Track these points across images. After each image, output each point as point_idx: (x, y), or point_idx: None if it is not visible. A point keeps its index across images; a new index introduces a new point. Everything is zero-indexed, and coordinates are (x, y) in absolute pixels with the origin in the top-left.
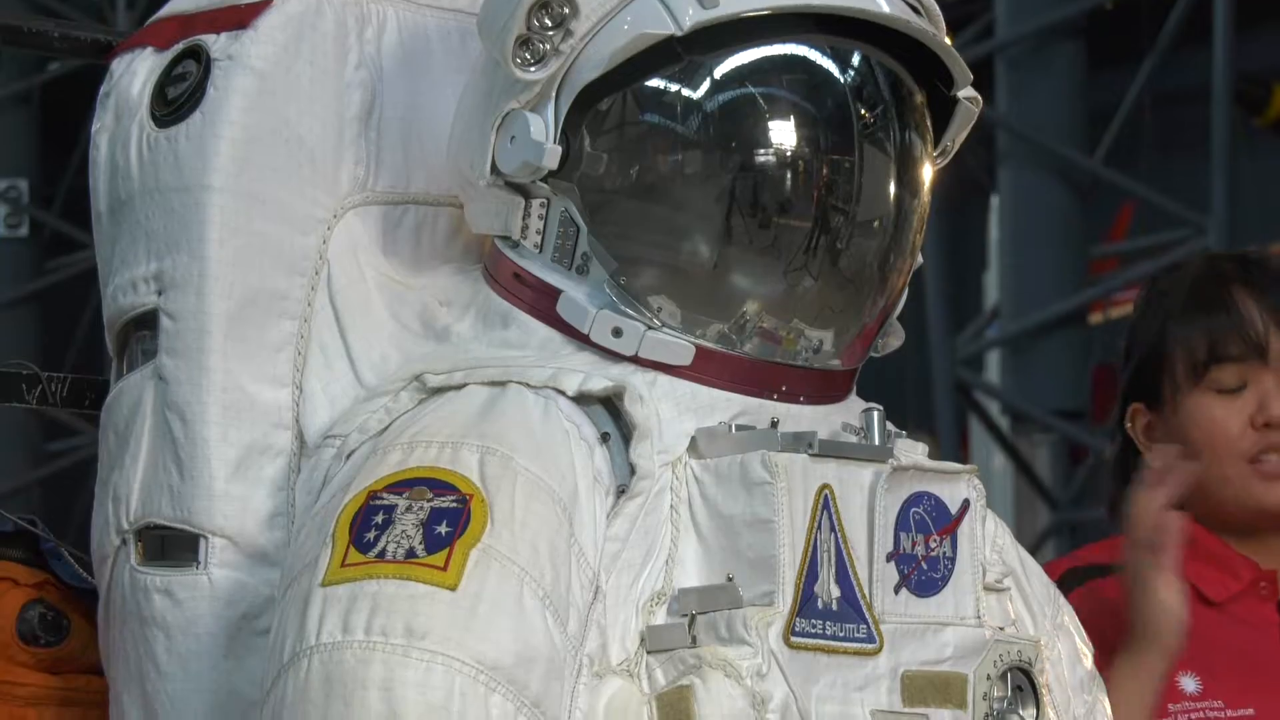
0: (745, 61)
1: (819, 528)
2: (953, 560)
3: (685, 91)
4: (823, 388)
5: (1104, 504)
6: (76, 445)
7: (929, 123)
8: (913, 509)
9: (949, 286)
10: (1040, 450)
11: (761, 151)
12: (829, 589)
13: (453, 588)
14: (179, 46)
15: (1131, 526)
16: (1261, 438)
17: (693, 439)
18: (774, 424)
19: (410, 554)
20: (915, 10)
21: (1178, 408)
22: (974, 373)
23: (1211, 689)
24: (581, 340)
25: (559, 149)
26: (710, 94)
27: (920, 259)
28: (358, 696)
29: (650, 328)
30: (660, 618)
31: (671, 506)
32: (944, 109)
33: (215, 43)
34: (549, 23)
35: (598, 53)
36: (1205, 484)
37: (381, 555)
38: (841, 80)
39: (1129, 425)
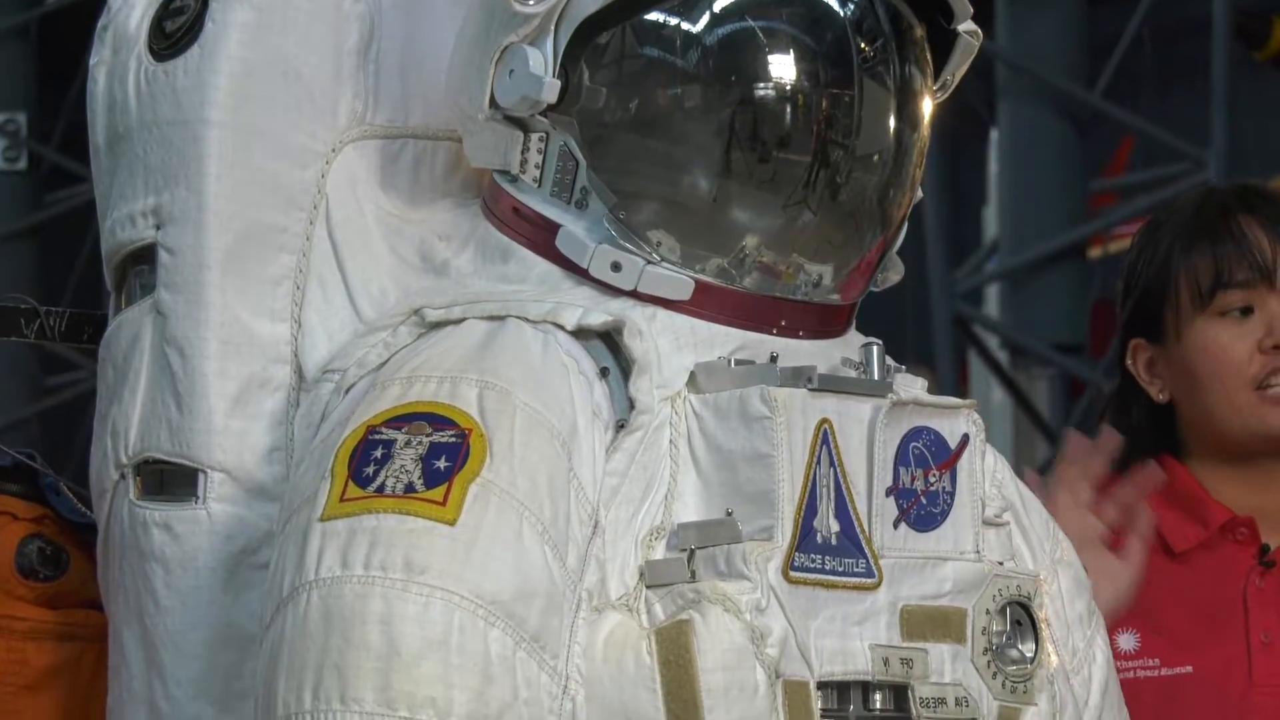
0: None
1: (818, 462)
2: (952, 495)
3: (685, 25)
4: (822, 322)
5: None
6: (76, 379)
7: (929, 57)
8: (912, 444)
9: (948, 221)
10: (1039, 384)
11: (761, 85)
12: (828, 524)
13: (451, 522)
14: None
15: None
16: (1269, 361)
17: (692, 374)
18: (773, 359)
19: (409, 489)
20: None
21: (1182, 337)
22: (973, 307)
23: (1150, 646)
24: (580, 275)
25: (558, 83)
26: (709, 27)
27: (920, 193)
28: (357, 631)
29: (649, 262)
30: (659, 552)
31: (670, 441)
32: (944, 43)
33: None
34: None
35: None
36: (1213, 412)
37: (380, 490)
38: (841, 14)
39: (1129, 362)
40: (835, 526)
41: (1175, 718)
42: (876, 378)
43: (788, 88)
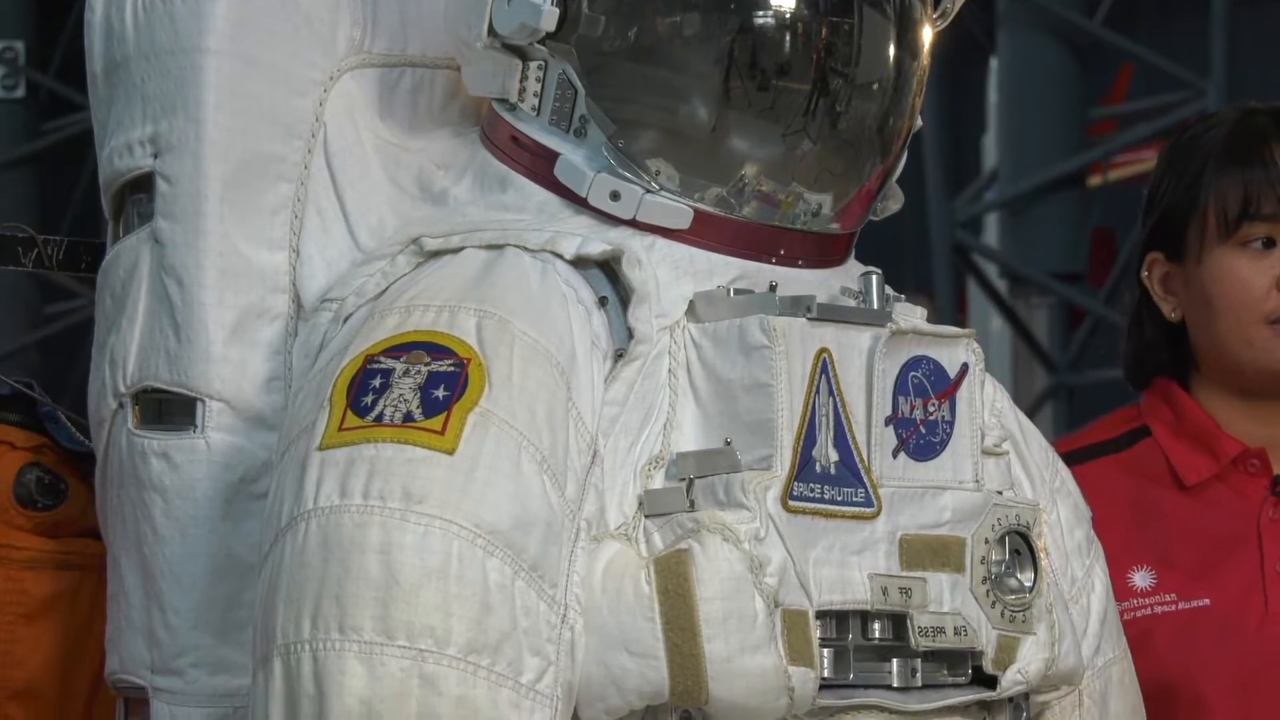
0: None
1: (817, 392)
2: (951, 424)
3: None
4: (821, 251)
5: (1119, 357)
6: (75, 307)
7: None
8: (911, 373)
9: (947, 149)
10: (1038, 313)
11: (760, 13)
12: (827, 453)
13: (450, 452)
14: None
15: None
16: None
17: (691, 303)
18: (772, 288)
19: (408, 418)
20: None
21: (1202, 261)
22: (972, 235)
23: (1166, 581)
24: (579, 204)
25: (556, 11)
26: None
27: (919, 122)
28: (355, 560)
29: (648, 191)
30: (658, 482)
31: (669, 371)
32: None
33: None
34: None
35: None
36: (1224, 343)
37: (379, 419)
38: None
39: (1145, 275)
40: (834, 456)
41: (1194, 650)
42: (876, 307)
43: (787, 15)
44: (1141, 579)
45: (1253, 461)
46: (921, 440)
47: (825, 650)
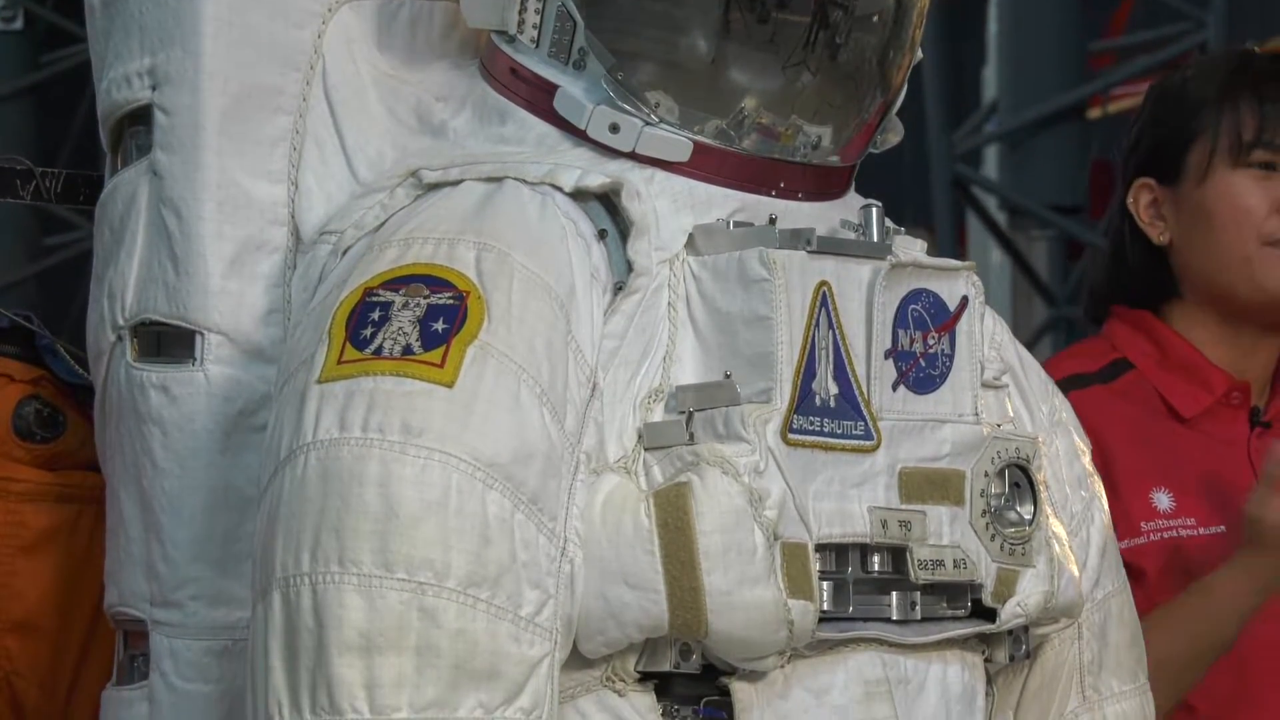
0: None
1: (817, 325)
2: (951, 357)
3: None
4: (821, 184)
5: (1097, 279)
6: (74, 239)
7: None
8: (911, 306)
9: (947, 81)
10: (1038, 246)
11: None
12: (827, 386)
13: (449, 384)
14: None
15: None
16: None
17: (690, 236)
18: (772, 220)
19: (407, 351)
20: None
21: (1205, 180)
22: (972, 168)
23: (1185, 505)
24: (579, 136)
25: None
26: None
27: (919, 54)
28: (355, 493)
29: (648, 123)
30: (658, 415)
31: (669, 304)
32: None
33: None
34: None
35: None
36: (1220, 262)
37: (378, 352)
38: None
39: (1130, 201)
40: (834, 389)
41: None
42: (875, 240)
43: None
44: (1161, 500)
45: (1235, 394)
46: (921, 373)
47: (825, 583)
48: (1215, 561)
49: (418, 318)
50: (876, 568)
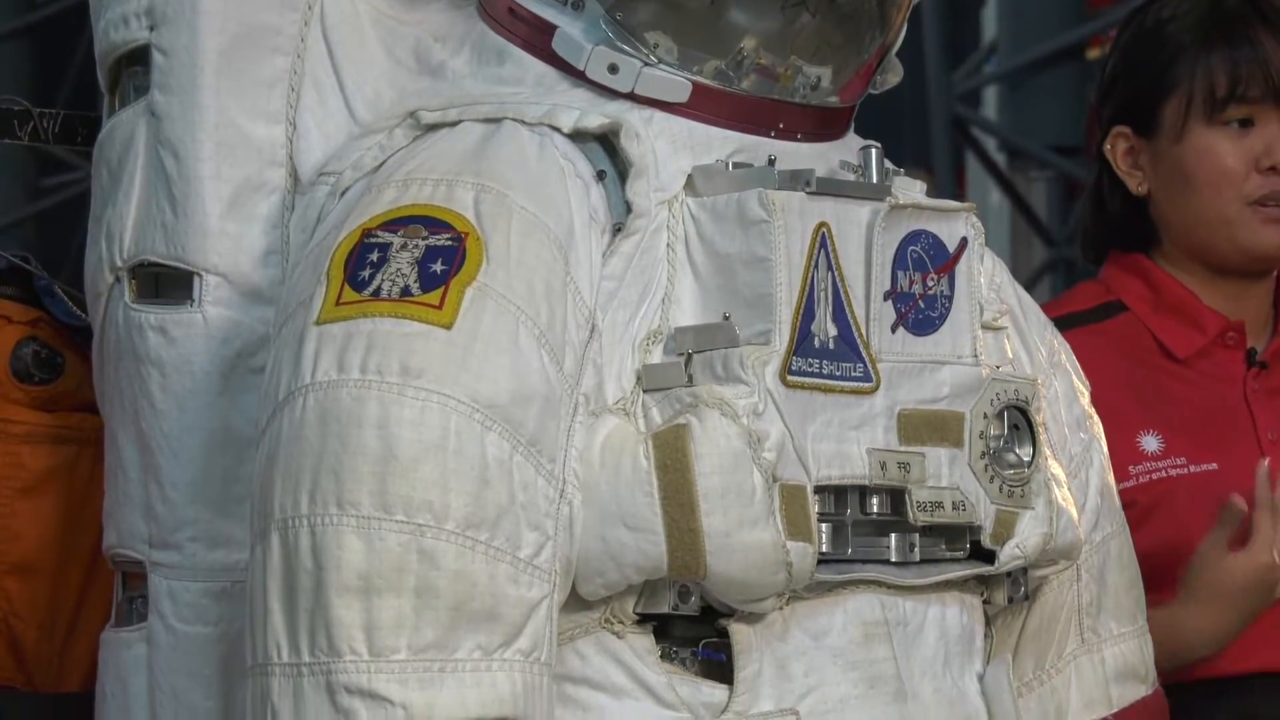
0: None
1: (816, 266)
2: (950, 299)
3: None
4: (820, 125)
5: (1085, 224)
6: (72, 180)
7: None
8: (910, 247)
9: (946, 21)
10: (1037, 186)
11: None
12: (826, 327)
13: (448, 326)
14: None
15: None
16: (1265, 182)
17: (689, 177)
18: (771, 162)
19: (405, 292)
20: None
21: (1182, 139)
22: (971, 109)
23: (1174, 446)
24: (577, 77)
25: None
26: None
27: None
28: (353, 435)
29: (647, 64)
30: (656, 356)
31: (668, 245)
32: None
33: None
34: None
35: None
36: (1200, 221)
37: (376, 293)
38: None
39: (1108, 149)
40: (833, 330)
41: (1209, 516)
42: (875, 181)
43: None
44: (1150, 443)
45: (1231, 334)
46: (920, 315)
47: (823, 525)
48: (1208, 495)
49: (416, 259)
50: (875, 509)
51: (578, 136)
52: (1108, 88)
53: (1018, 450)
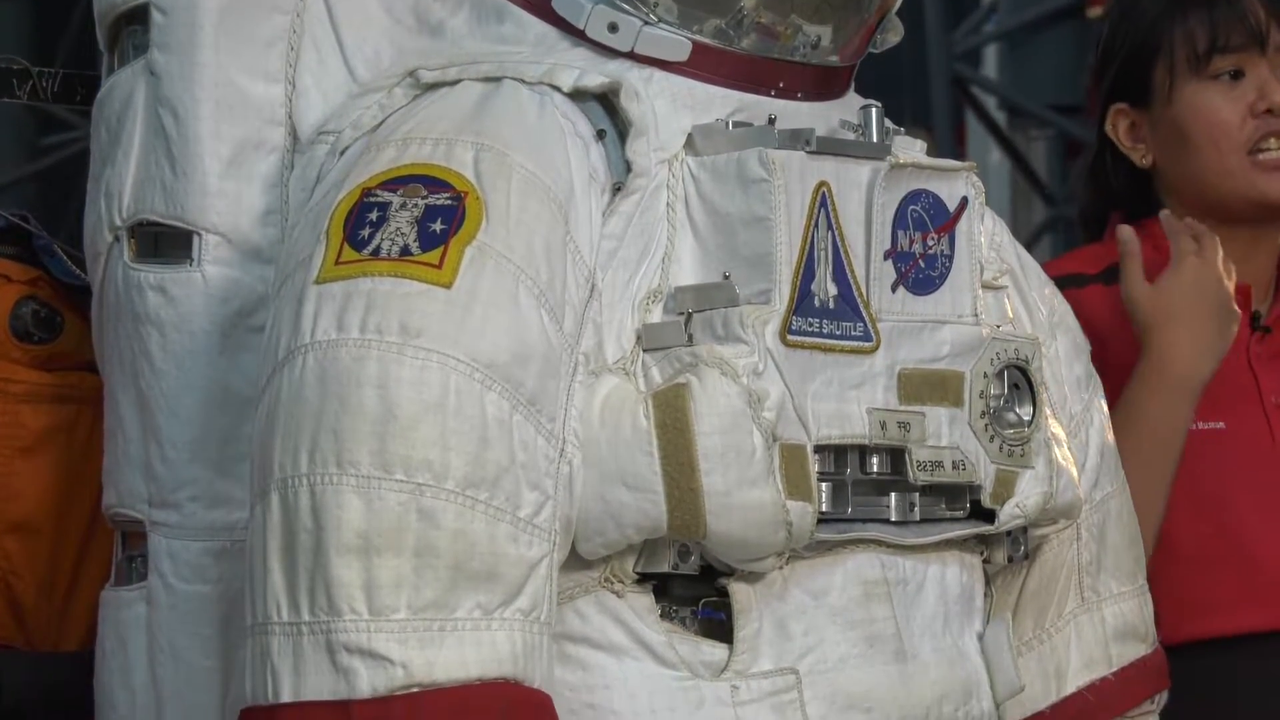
0: None
1: (816, 225)
2: (950, 258)
3: None
4: (821, 84)
5: (1084, 202)
6: (72, 139)
7: None
8: (910, 207)
9: None
10: (1037, 145)
11: None
12: (826, 287)
13: (448, 285)
14: None
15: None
16: (1262, 124)
17: (689, 136)
18: (771, 121)
19: (405, 251)
20: None
21: (1173, 101)
22: (971, 68)
23: None
24: (577, 36)
25: None
26: None
27: None
28: (353, 394)
29: (646, 23)
30: (656, 316)
31: (668, 204)
32: None
33: None
34: None
35: None
36: (1203, 176)
37: (376, 253)
38: None
39: (1109, 128)
40: (833, 290)
41: (1216, 469)
42: (875, 140)
43: None
44: None
45: (1237, 295)
46: (920, 274)
47: (823, 484)
48: (1214, 453)
49: (416, 218)
50: (875, 469)
51: (577, 96)
52: (1102, 67)
53: (1018, 409)
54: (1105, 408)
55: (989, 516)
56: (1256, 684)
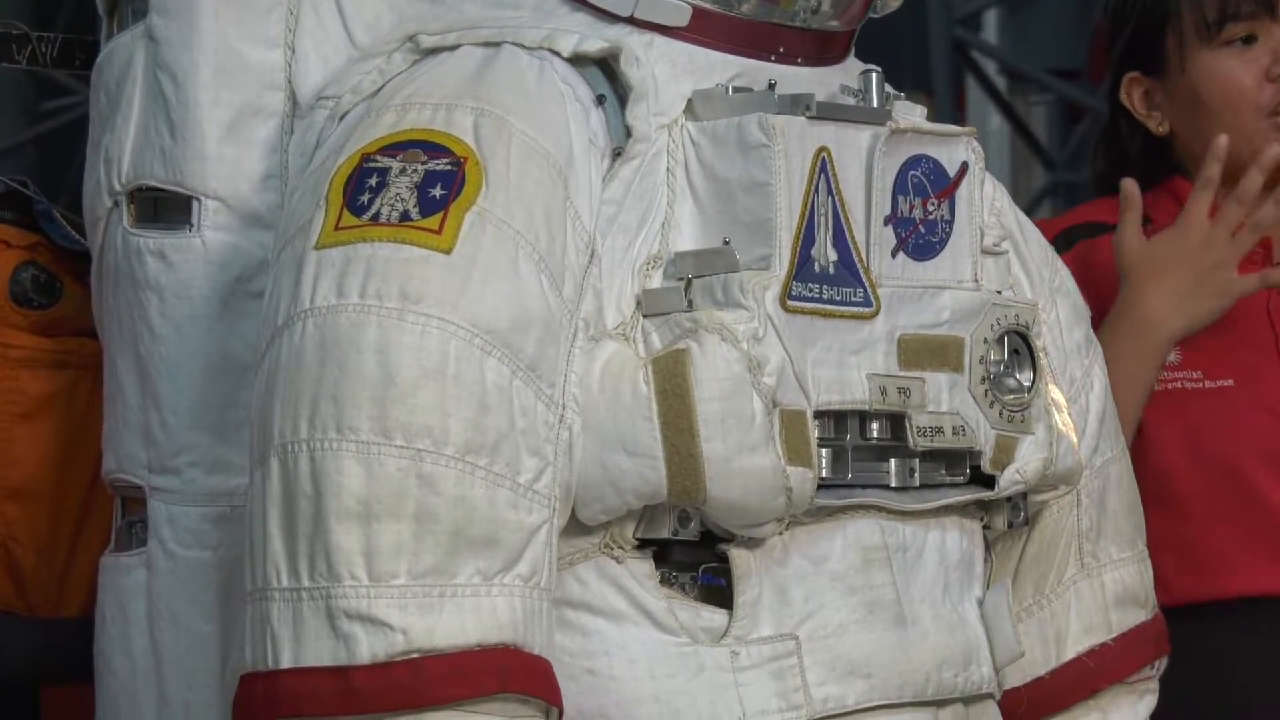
0: None
1: (816, 191)
2: (950, 223)
3: None
4: (821, 49)
5: (1099, 169)
6: (72, 103)
7: None
8: (910, 172)
9: None
10: (1037, 110)
11: None
12: (826, 252)
13: (447, 251)
14: None
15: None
16: (1278, 90)
17: (689, 101)
18: (771, 86)
19: (404, 217)
20: None
21: (1186, 69)
22: (971, 32)
23: (1190, 360)
24: (577, 1)
25: None
26: None
27: None
28: (353, 360)
29: None
30: (656, 281)
31: (668, 170)
32: None
33: None
34: None
35: None
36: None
37: (375, 218)
38: None
39: (1124, 96)
40: (833, 255)
41: (1223, 425)
42: (875, 105)
43: None
44: (1169, 354)
45: (1256, 251)
46: (921, 240)
47: (823, 450)
48: (1222, 409)
49: (415, 184)
50: (875, 434)
51: (577, 61)
52: (1113, 36)
53: (1018, 375)
54: (1105, 374)
55: (989, 482)
56: (1266, 646)
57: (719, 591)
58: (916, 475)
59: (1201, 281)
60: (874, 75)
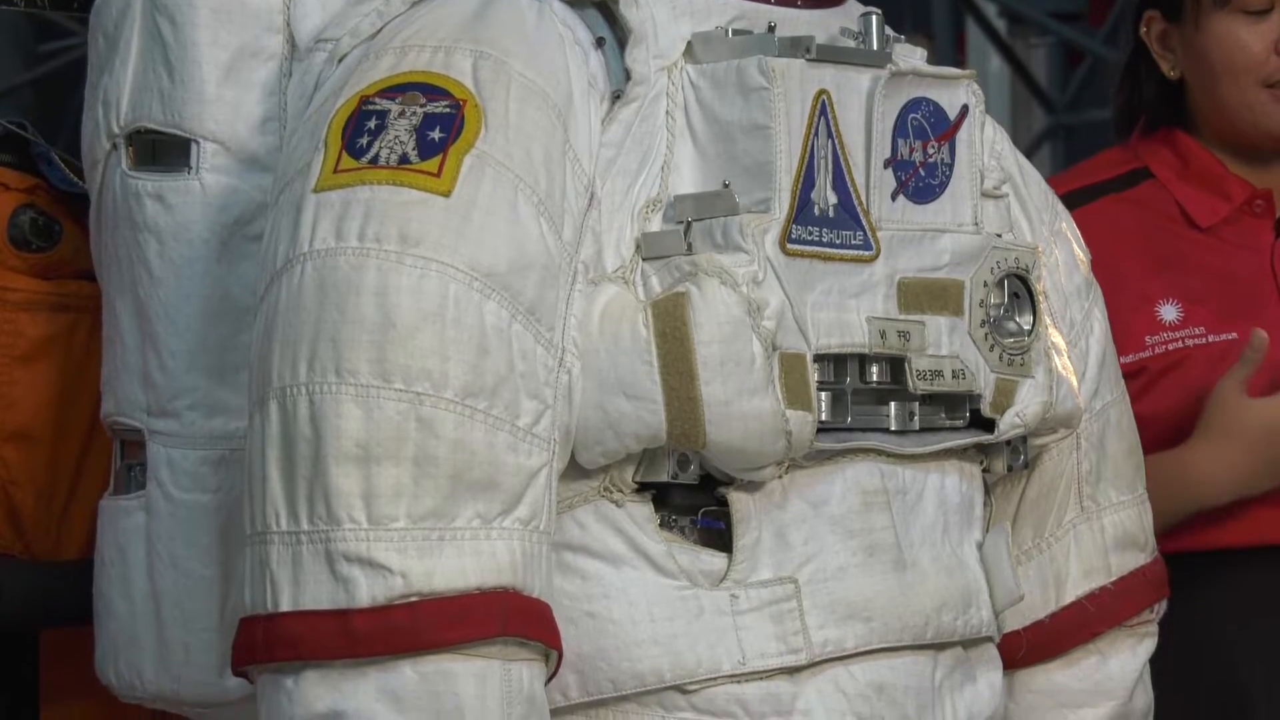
0: None
1: (816, 134)
2: (950, 166)
3: None
4: None
5: (1110, 108)
6: (71, 45)
7: None
8: (911, 115)
9: None
10: (1037, 53)
11: None
12: (826, 195)
13: (446, 194)
14: None
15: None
16: None
17: (689, 43)
18: (771, 28)
19: (403, 160)
20: None
21: (1200, 25)
22: None
23: (1194, 316)
24: None
25: None
26: None
27: None
28: (351, 303)
29: None
30: (656, 224)
31: (667, 112)
32: None
33: None
34: None
35: None
36: (1224, 104)
37: (374, 161)
38: None
39: (1144, 31)
40: (833, 198)
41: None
42: (875, 48)
43: None
44: (1168, 312)
45: (1259, 202)
46: (921, 183)
47: (823, 393)
48: (1225, 364)
49: (414, 126)
50: (875, 378)
51: (576, 3)
52: None
53: (1018, 318)
54: (1105, 318)
55: (989, 426)
56: (1263, 594)
57: (718, 535)
58: (916, 419)
59: (1270, 471)
60: (874, 18)
